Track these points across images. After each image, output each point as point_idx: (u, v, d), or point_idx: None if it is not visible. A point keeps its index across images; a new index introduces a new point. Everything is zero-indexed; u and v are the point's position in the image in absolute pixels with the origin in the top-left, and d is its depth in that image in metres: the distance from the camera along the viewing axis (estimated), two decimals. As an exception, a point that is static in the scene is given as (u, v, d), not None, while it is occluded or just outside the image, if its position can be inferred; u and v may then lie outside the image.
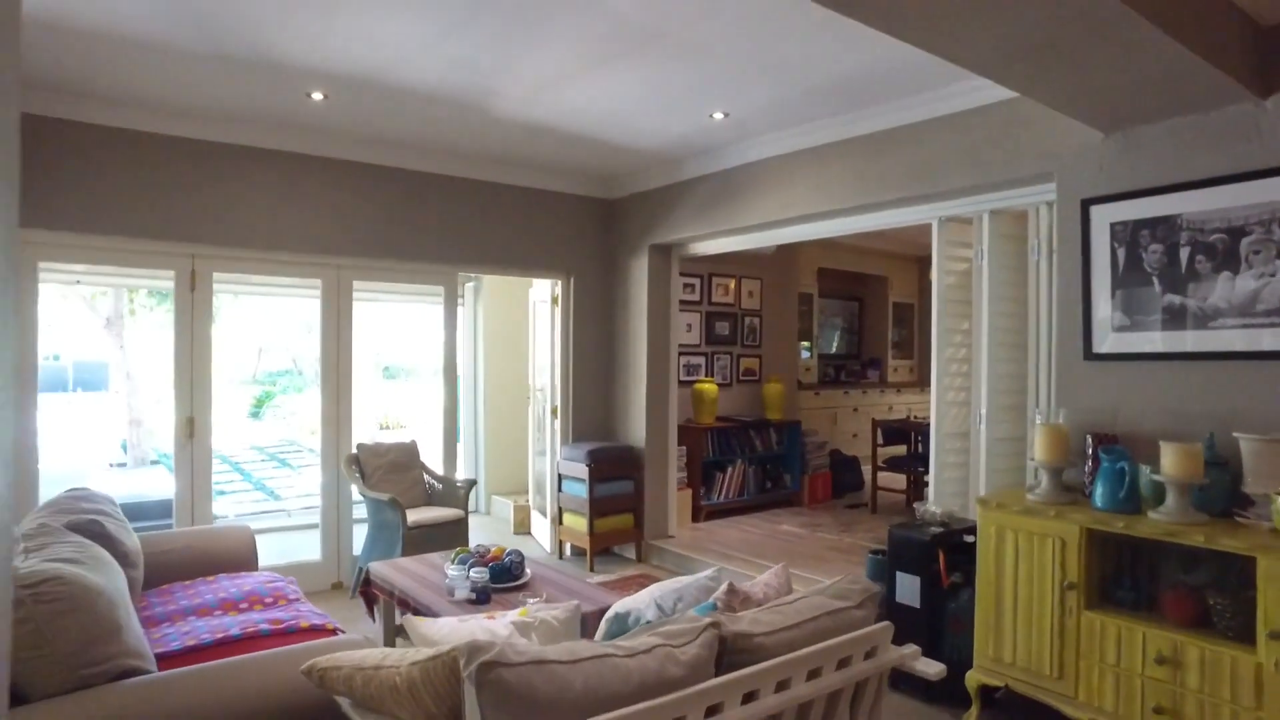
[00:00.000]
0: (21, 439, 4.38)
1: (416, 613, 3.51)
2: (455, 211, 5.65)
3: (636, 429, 6.09)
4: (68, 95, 4.24)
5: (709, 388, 6.95)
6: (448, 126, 4.79)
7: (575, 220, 6.22)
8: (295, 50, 3.62)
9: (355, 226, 5.24)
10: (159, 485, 7.61)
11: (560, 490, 6.03)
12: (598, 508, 5.74)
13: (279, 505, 8.15)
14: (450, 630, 2.04)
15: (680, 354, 7.07)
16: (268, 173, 4.93)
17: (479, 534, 6.86)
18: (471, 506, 8.06)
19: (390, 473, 5.17)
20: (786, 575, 2.43)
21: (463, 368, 8.17)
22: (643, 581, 5.36)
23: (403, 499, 5.07)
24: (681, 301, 7.02)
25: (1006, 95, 3.70)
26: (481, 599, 3.38)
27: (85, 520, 2.92)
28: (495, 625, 2.03)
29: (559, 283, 6.26)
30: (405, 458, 5.30)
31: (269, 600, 3.27)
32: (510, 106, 4.39)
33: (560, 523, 6.05)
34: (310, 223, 5.08)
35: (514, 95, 4.20)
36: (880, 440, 7.24)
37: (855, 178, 4.44)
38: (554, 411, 6.36)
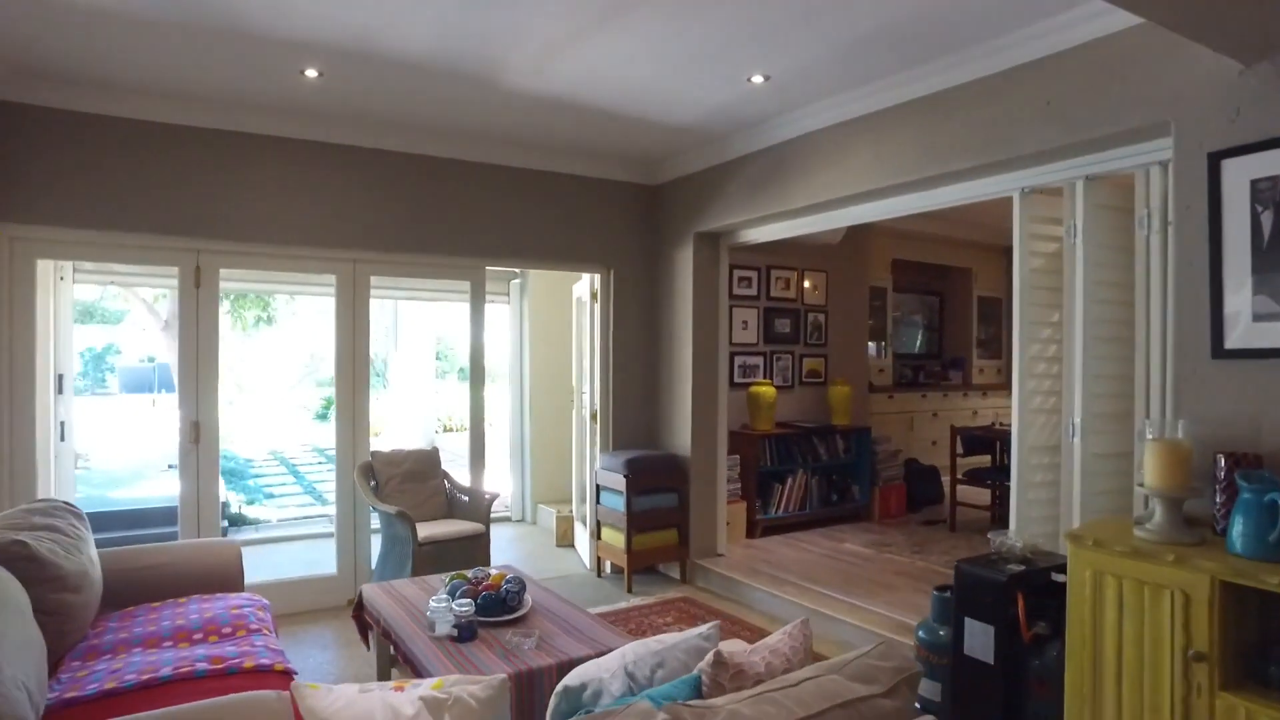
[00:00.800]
0: (24, 438, 4.19)
1: (397, 647, 3.09)
2: (480, 201, 5.24)
3: (681, 436, 5.55)
4: (58, 82, 4.02)
5: (766, 391, 6.34)
6: (459, 107, 4.38)
7: (614, 208, 5.73)
8: (280, 21, 3.25)
9: (371, 218, 4.89)
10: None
11: (598, 502, 5.54)
12: (636, 522, 5.22)
13: (325, 510, 7.97)
14: (344, 706, 1.57)
15: (735, 354, 6.48)
16: (274, 161, 4.63)
17: (519, 547, 6.46)
18: (518, 516, 7.72)
19: (406, 482, 4.79)
20: (805, 638, 1.86)
21: (509, 369, 7.81)
22: (683, 607, 4.81)
23: (418, 511, 4.68)
24: (736, 296, 6.44)
25: (1101, 32, 2.99)
26: (465, 635, 2.92)
27: (8, 541, 2.61)
28: (400, 703, 1.55)
29: (598, 277, 5.79)
30: (424, 466, 4.92)
31: (227, 631, 2.90)
32: (521, 80, 3.93)
33: (599, 537, 5.57)
34: (322, 214, 4.76)
35: (523, 64, 3.73)
36: (960, 449, 6.46)
37: (920, 145, 3.78)
38: (593, 416, 5.88)
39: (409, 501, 4.72)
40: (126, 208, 4.28)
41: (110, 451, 10.35)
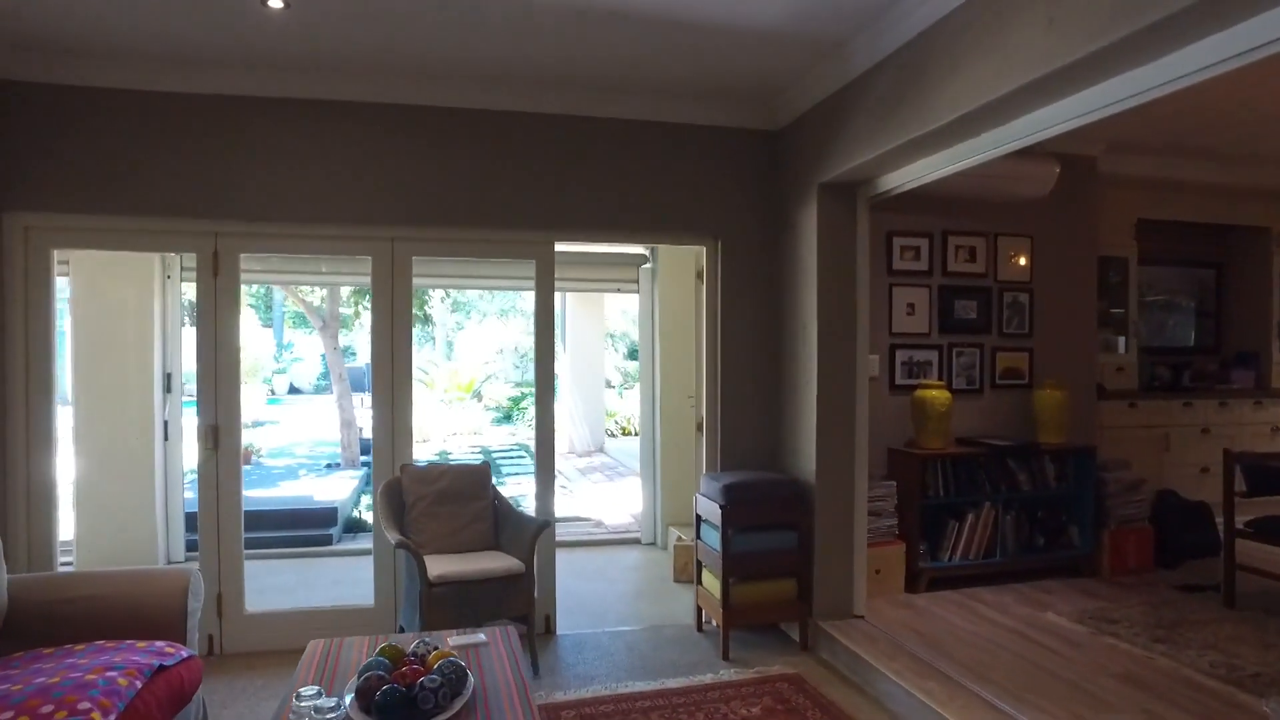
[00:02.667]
0: (38, 440, 3.89)
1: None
2: (545, 161, 4.29)
3: (805, 455, 4.20)
4: (48, 54, 3.64)
5: (939, 396, 4.75)
6: (497, 37, 3.44)
7: (721, 163, 4.51)
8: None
9: (411, 188, 4.13)
10: (332, 490, 7.36)
11: (699, 537, 4.36)
12: (736, 567, 3.98)
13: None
14: None
15: (896, 346, 4.97)
16: (295, 127, 4.00)
17: (626, 581, 5.44)
18: (647, 539, 6.69)
19: (440, 504, 3.95)
20: None
21: (641, 368, 6.81)
22: (784, 693, 3.51)
23: (448, 541, 3.83)
24: (899, 272, 4.94)
25: None
26: (323, 765, 1.94)
27: None
28: None
29: (704, 251, 4.60)
30: (466, 484, 4.05)
31: (83, 707, 2.17)
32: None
33: (699, 581, 4.38)
34: (353, 186, 4.07)
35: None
36: (1243, 485, 4.43)
37: (1128, -18, 2.22)
38: (699, 426, 4.70)
39: (438, 529, 3.88)
40: (128, 189, 3.85)
41: (288, 449, 10.85)
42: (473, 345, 17.77)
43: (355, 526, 6.80)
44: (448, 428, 13.12)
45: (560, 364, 12.28)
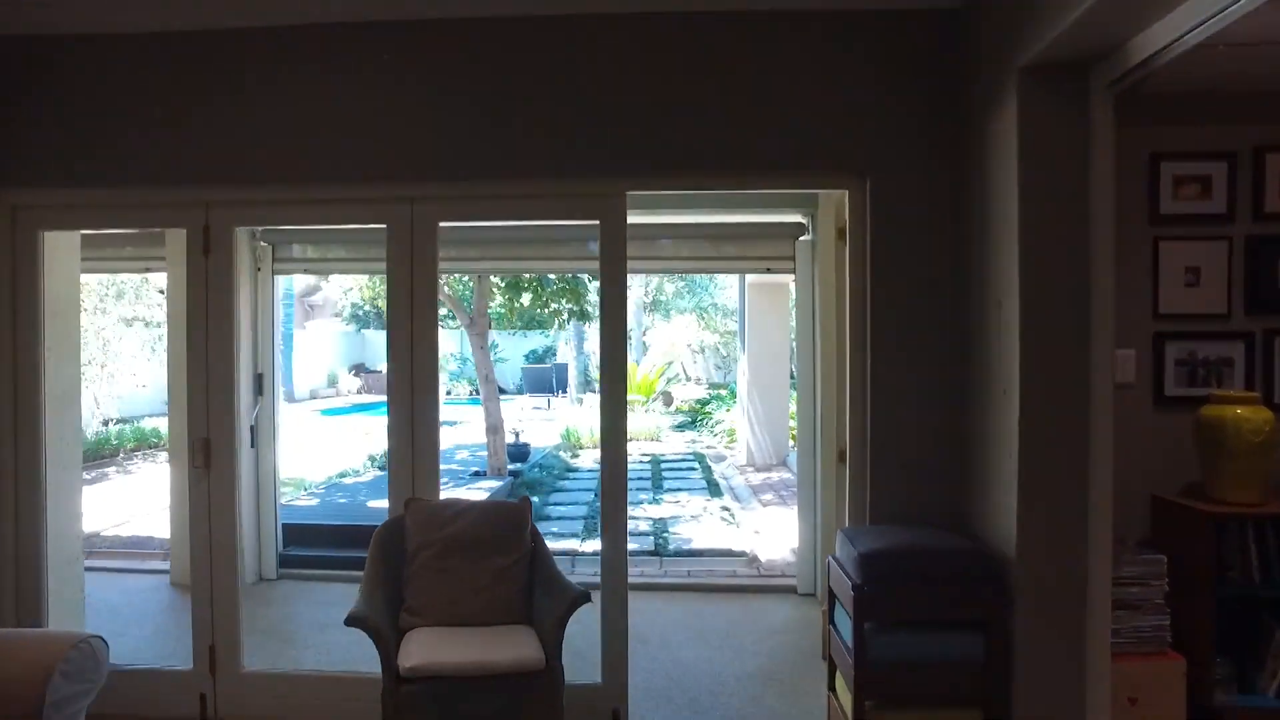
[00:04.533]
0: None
1: None
2: (609, 81, 3.08)
3: (1002, 509, 2.61)
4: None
5: (1250, 415, 2.88)
6: None
7: (871, 66, 3.03)
8: None
9: (434, 129, 3.12)
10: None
11: (831, 621, 2.92)
12: (878, 683, 2.51)
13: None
14: None
15: (1167, 336, 3.16)
16: (290, 61, 3.14)
17: (759, 651, 4.11)
18: (805, 587, 5.22)
19: (449, 556, 2.86)
20: None
21: (799, 368, 5.35)
22: None
23: (457, 609, 2.76)
24: (1170, 218, 3.14)
25: None
26: None
27: None
28: None
29: (846, 198, 3.13)
30: (490, 530, 2.93)
31: None
32: None
33: (831, 686, 2.94)
34: (363, 132, 3.14)
35: None
36: None
37: None
38: (841, 455, 3.24)
39: (444, 591, 2.80)
40: (107, 156, 3.19)
41: (449, 454, 10.51)
42: (662, 344, 16.93)
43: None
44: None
45: (739, 363, 10.96)
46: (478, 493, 7.28)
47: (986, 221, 2.74)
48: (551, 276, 8.78)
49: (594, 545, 6.27)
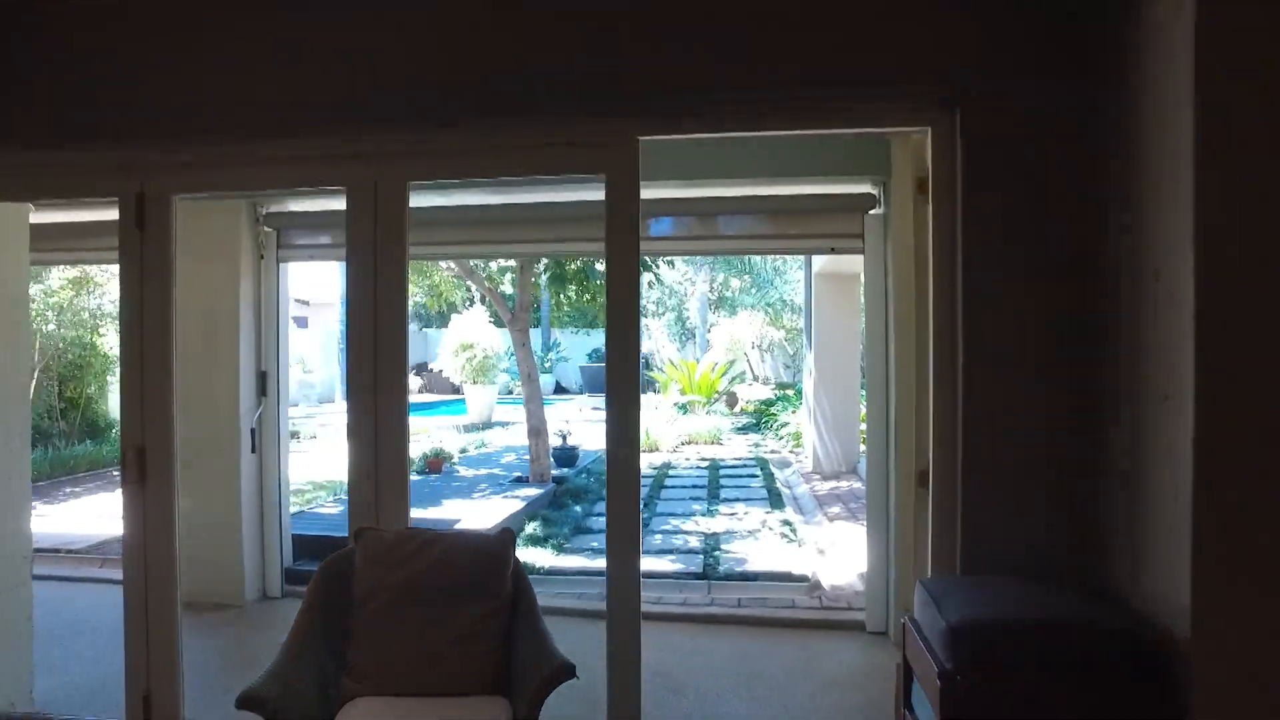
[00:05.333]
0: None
1: None
2: (613, -11, 2.39)
3: (1167, 562, 1.81)
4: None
5: None
6: None
7: (963, -46, 2.26)
8: None
9: (403, 70, 2.49)
10: (489, 513, 6.05)
11: (907, 704, 2.16)
12: (980, 818, 1.74)
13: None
14: None
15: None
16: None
17: (824, 709, 3.32)
18: (876, 625, 4.41)
19: (406, 603, 2.21)
20: None
21: (868, 363, 4.55)
22: None
23: (407, 673, 2.11)
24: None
25: None
26: None
27: None
28: None
29: (928, 139, 2.36)
30: (460, 571, 2.27)
31: None
32: None
33: (910, 791, 2.17)
34: (321, 77, 2.54)
35: None
36: None
37: None
38: (920, 477, 2.46)
39: (397, 649, 2.15)
40: (25, 109, 2.67)
41: (497, 457, 9.99)
42: (724, 341, 16.11)
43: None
44: (681, 434, 11.57)
45: (805, 362, 10.10)
46: (514, 502, 6.69)
47: (1135, 158, 1.94)
48: (599, 266, 8.13)
49: (635, 564, 5.59)
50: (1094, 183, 2.15)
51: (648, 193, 4.60)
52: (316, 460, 10.25)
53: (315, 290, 22.44)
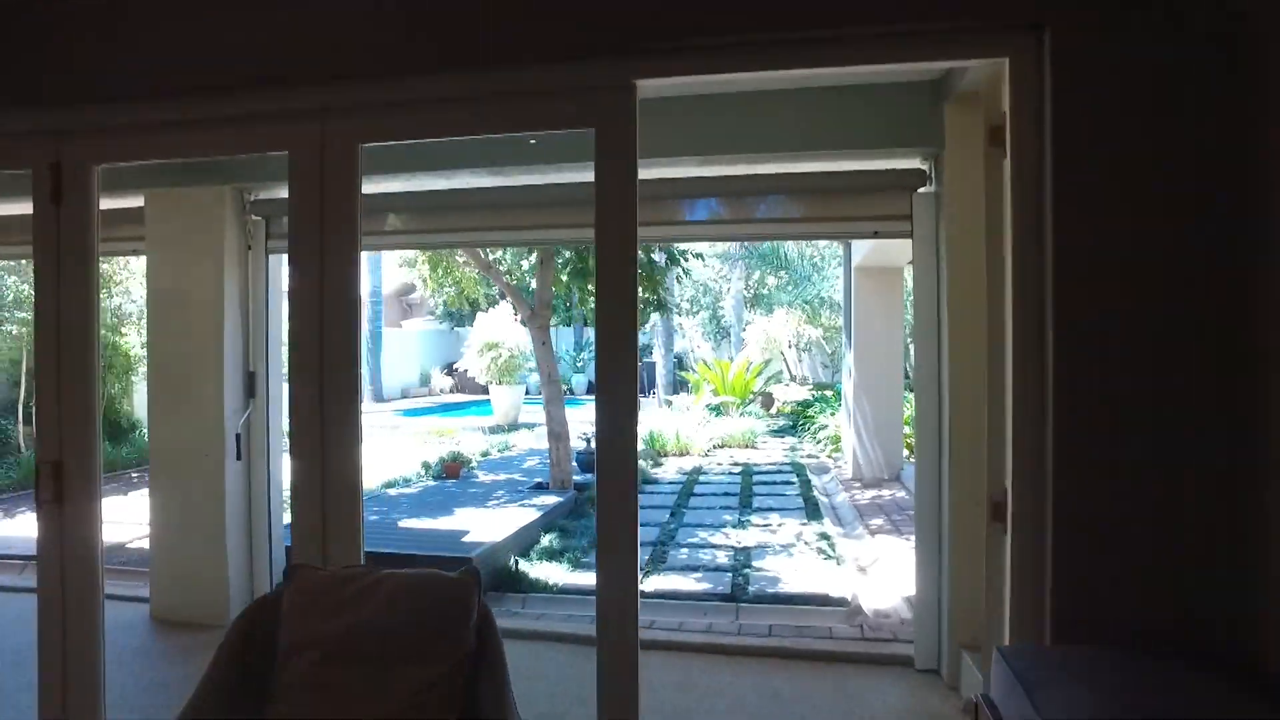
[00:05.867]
0: None
1: None
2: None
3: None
4: None
5: None
6: None
7: None
8: None
9: (354, 6, 2.05)
10: (501, 524, 5.61)
11: (981, 806, 1.64)
12: None
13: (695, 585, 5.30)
14: None
15: None
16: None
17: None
18: (925, 663, 3.87)
19: (337, 665, 1.76)
20: None
21: (917, 360, 4.00)
22: None
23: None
24: None
25: None
26: None
27: None
28: None
29: (1005, 74, 1.83)
30: (407, 622, 1.81)
31: None
32: None
33: None
34: (260, 22, 2.10)
35: None
36: None
37: None
38: (994, 510, 1.93)
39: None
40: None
41: (519, 461, 9.56)
42: (759, 339, 15.50)
43: (508, 583, 4.96)
44: (714, 437, 11.04)
45: (845, 361, 9.51)
46: (530, 511, 6.25)
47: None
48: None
49: (659, 582, 5.11)
50: (1234, 113, 1.61)
51: (667, 171, 4.13)
52: (336, 463, 9.96)
53: (347, 290, 22.39)
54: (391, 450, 10.66)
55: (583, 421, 13.18)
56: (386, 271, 18.82)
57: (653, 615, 4.56)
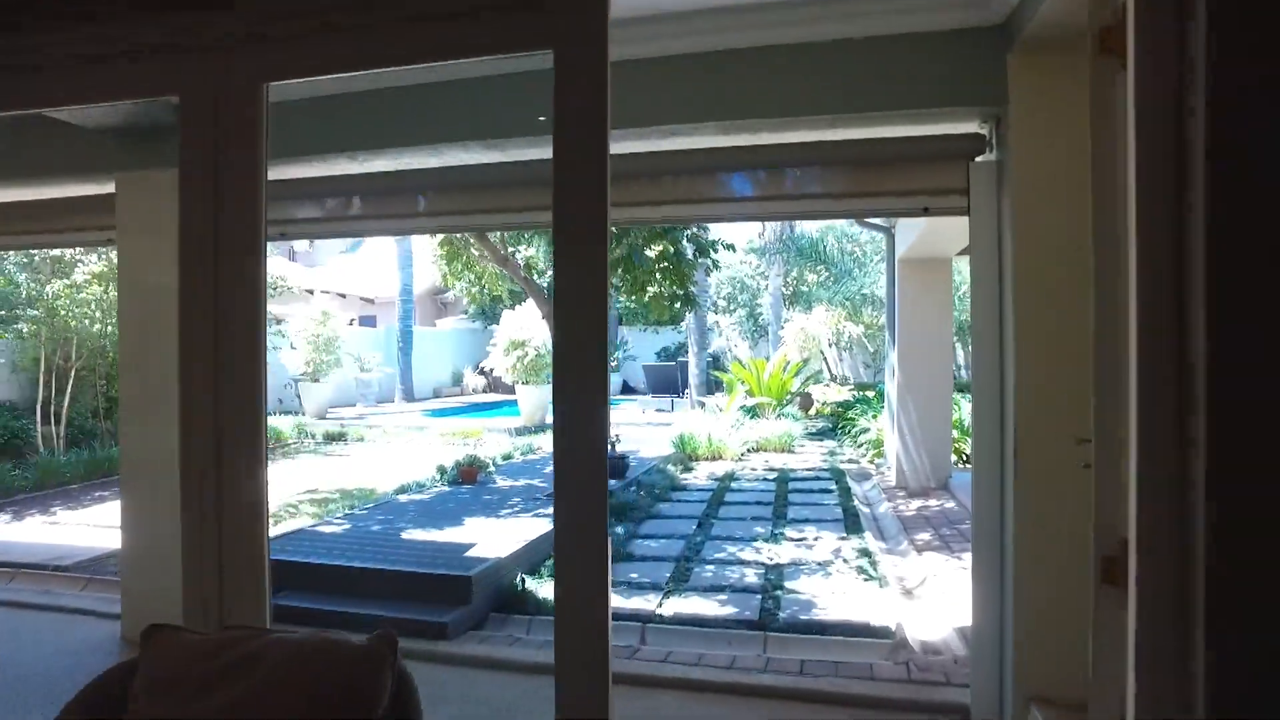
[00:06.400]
0: None
1: None
2: None
3: None
4: None
5: None
6: None
7: None
8: None
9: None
10: (506, 537, 5.15)
11: None
12: None
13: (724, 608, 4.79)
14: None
15: None
16: None
17: None
18: (984, 713, 3.29)
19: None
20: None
21: (973, 362, 3.43)
22: None
23: None
24: None
25: None
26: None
27: None
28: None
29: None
30: (290, 700, 1.34)
31: None
32: None
33: None
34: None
35: None
36: None
37: None
38: (1104, 568, 1.38)
39: None
40: None
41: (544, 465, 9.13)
42: (796, 337, 14.87)
43: (513, 604, 4.51)
44: (748, 440, 10.47)
45: (888, 360, 8.88)
46: (543, 522, 5.80)
47: None
48: (650, 252, 7.17)
49: (679, 605, 4.60)
50: None
51: (685, 142, 3.62)
52: (355, 466, 9.66)
53: (380, 287, 22.28)
54: (412, 452, 10.33)
55: (615, 423, 12.67)
56: (419, 269, 18.57)
57: (671, 644, 4.06)
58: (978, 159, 3.26)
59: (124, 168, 4.00)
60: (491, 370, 13.80)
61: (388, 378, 17.76)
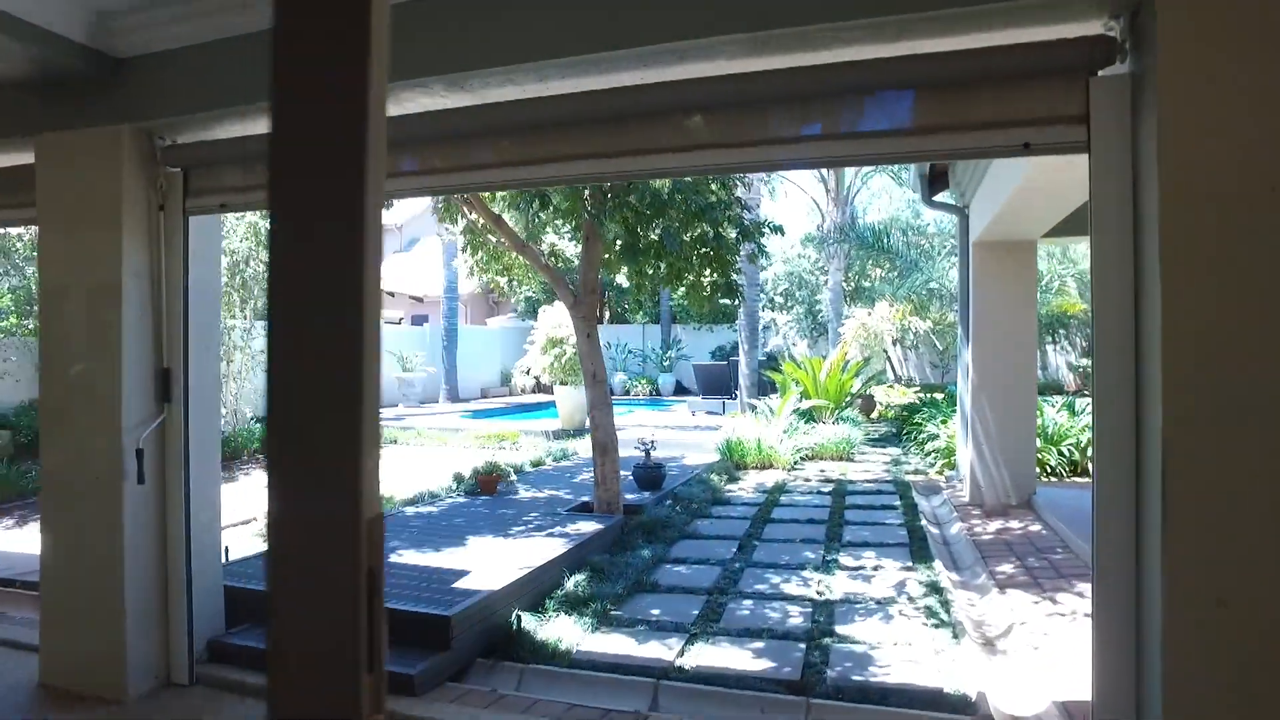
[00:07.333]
0: None
1: None
2: None
3: None
4: None
5: None
6: None
7: None
8: None
9: None
10: (507, 562, 4.37)
11: None
12: None
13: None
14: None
15: None
16: None
17: None
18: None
19: None
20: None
21: (1095, 348, 2.50)
22: None
23: None
24: None
25: None
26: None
27: None
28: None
29: None
30: None
31: None
32: None
33: None
34: None
35: None
36: None
37: None
38: None
39: None
40: None
41: (576, 471, 8.36)
42: (856, 334, 13.79)
43: (503, 648, 3.75)
44: (802, 447, 9.53)
45: (961, 359, 7.84)
46: (557, 542, 5.02)
47: None
48: (686, 237, 6.34)
49: (704, 655, 3.77)
50: None
51: (704, 68, 2.80)
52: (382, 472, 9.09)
53: (430, 285, 21.93)
54: (442, 456, 9.72)
55: (660, 426, 11.90)
56: (465, 265, 18.14)
57: (689, 707, 3.25)
58: (1101, 72, 2.35)
59: (48, 127, 3.40)
60: (528, 370, 13.14)
61: (431, 378, 17.33)
